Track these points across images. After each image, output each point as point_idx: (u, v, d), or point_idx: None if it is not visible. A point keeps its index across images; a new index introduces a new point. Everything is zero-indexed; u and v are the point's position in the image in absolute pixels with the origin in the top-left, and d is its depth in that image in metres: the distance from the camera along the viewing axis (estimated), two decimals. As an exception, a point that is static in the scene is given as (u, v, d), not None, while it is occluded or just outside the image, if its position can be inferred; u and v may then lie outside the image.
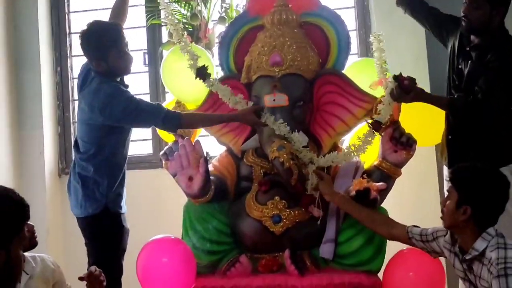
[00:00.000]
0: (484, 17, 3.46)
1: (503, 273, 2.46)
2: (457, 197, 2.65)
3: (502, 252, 2.51)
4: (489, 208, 2.64)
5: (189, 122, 3.50)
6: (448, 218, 2.70)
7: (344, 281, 3.27)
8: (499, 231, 2.62)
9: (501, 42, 3.49)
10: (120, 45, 3.54)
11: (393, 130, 3.47)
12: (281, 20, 3.60)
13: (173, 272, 3.24)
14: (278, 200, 3.42)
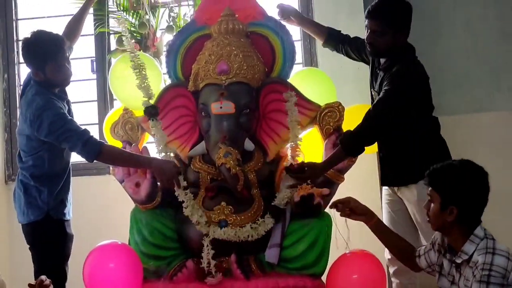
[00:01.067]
0: (388, 41, 3.45)
1: (486, 280, 2.46)
2: (440, 199, 2.64)
3: (490, 257, 2.51)
4: (474, 203, 2.63)
5: (107, 156, 3.45)
6: (435, 221, 2.69)
7: (289, 284, 3.28)
8: (488, 233, 2.63)
9: (401, 61, 3.48)
10: (60, 58, 3.51)
11: (336, 137, 3.51)
12: (228, 30, 3.60)
13: (120, 277, 3.20)
14: (225, 205, 3.41)
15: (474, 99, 4.63)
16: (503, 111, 4.62)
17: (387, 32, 3.42)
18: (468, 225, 2.62)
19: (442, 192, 2.64)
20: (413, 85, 3.41)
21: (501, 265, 2.49)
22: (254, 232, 3.35)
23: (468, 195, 2.61)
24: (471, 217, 2.63)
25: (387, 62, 3.53)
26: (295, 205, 3.37)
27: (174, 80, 3.71)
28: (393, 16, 3.43)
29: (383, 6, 3.45)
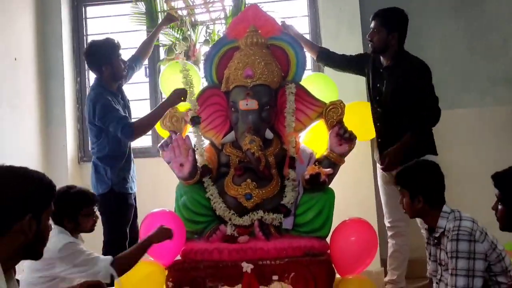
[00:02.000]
0: (382, 39, 3.58)
1: (456, 238, 2.49)
2: (408, 193, 2.69)
3: (458, 222, 2.54)
4: (434, 190, 2.68)
5: (141, 129, 3.56)
6: (410, 211, 2.74)
7: (300, 244, 3.28)
8: (454, 208, 2.66)
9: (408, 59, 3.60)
10: (113, 59, 3.65)
11: (338, 128, 3.49)
12: (253, 43, 3.59)
13: (168, 238, 3.21)
14: (250, 182, 3.42)
15: (447, 98, 4.54)
16: (469, 108, 4.59)
17: (381, 31, 3.56)
18: (436, 206, 2.65)
19: (408, 187, 2.70)
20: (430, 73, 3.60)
21: (468, 226, 2.51)
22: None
23: (427, 185, 2.67)
24: (435, 200, 2.67)
25: (390, 62, 3.56)
26: (305, 182, 3.35)
27: (210, 82, 3.70)
28: (387, 18, 3.59)
29: (382, 11, 3.64)
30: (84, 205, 2.92)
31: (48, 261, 2.67)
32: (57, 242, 2.71)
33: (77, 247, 2.77)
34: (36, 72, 4.58)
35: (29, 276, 2.76)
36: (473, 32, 4.66)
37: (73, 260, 2.71)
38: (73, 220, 2.87)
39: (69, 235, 2.83)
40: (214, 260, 3.27)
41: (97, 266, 2.70)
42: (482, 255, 2.45)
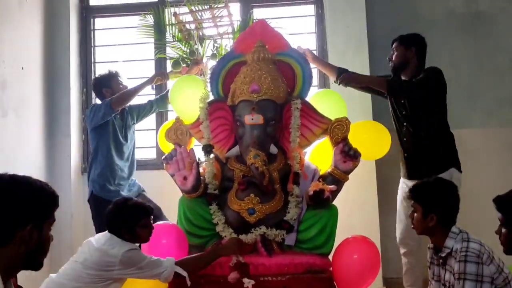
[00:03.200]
0: (401, 56, 3.74)
1: (464, 259, 2.47)
2: (421, 209, 2.67)
3: (466, 244, 2.53)
4: (449, 210, 2.66)
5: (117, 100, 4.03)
6: (419, 227, 2.72)
7: (302, 261, 3.28)
8: (462, 229, 2.64)
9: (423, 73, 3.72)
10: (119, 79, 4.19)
11: (343, 145, 3.49)
12: (260, 58, 3.60)
13: (170, 250, 3.21)
14: (253, 196, 3.40)
15: (454, 118, 4.57)
16: (474, 128, 4.60)
17: (399, 48, 3.76)
18: (446, 227, 2.64)
19: (423, 203, 2.68)
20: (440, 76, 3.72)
21: (476, 248, 2.49)
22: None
23: (444, 205, 2.65)
24: (447, 221, 2.65)
25: (411, 77, 3.73)
26: (309, 198, 3.35)
27: (216, 96, 3.71)
28: (404, 37, 3.80)
29: (401, 35, 3.85)
30: (141, 216, 3.02)
31: (109, 263, 2.84)
32: (122, 247, 2.89)
33: (140, 252, 2.98)
34: (43, 82, 4.62)
35: (78, 270, 2.88)
36: (481, 52, 4.68)
37: (137, 263, 2.90)
38: (131, 231, 2.98)
39: (129, 243, 2.97)
40: (215, 275, 3.26)
41: (161, 267, 2.94)
42: (489, 278, 2.44)
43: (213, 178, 3.53)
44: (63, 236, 4.35)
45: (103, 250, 2.90)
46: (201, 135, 3.64)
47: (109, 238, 2.96)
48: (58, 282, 2.93)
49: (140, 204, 3.06)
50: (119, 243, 2.93)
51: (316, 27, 4.76)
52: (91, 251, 2.93)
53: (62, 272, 2.96)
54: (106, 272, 2.88)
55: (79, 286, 2.87)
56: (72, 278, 2.89)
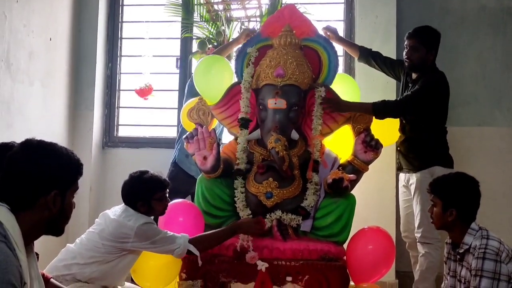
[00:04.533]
0: (421, 57, 3.68)
1: (482, 256, 2.45)
2: (441, 204, 2.64)
3: (485, 241, 2.50)
4: (469, 206, 2.63)
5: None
6: (438, 221, 2.69)
7: (317, 248, 3.27)
8: (482, 226, 2.62)
9: (429, 73, 3.68)
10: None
11: (365, 136, 3.48)
12: (286, 42, 3.58)
13: (186, 229, 3.22)
14: (272, 180, 3.39)
15: (478, 115, 4.56)
16: (501, 127, 4.54)
17: (421, 49, 3.67)
18: (466, 222, 2.61)
19: (443, 198, 2.65)
20: (437, 89, 3.62)
21: (495, 246, 2.47)
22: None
23: (464, 200, 2.61)
24: (467, 216, 2.61)
25: (418, 76, 3.61)
26: (327, 186, 3.34)
27: (240, 78, 3.69)
28: (426, 36, 3.69)
29: (420, 29, 3.73)
30: (157, 190, 3.05)
31: (124, 235, 2.89)
32: (138, 219, 2.93)
33: (155, 226, 3.00)
34: (69, 54, 4.64)
35: (94, 241, 2.94)
36: (509, 51, 4.60)
37: (151, 237, 2.94)
38: (146, 204, 3.01)
39: (145, 216, 3.00)
40: (229, 256, 3.28)
41: (175, 243, 2.98)
42: (506, 277, 2.42)
43: (244, 154, 3.53)
44: (81, 208, 4.39)
45: (119, 221, 2.94)
46: (223, 116, 3.65)
47: (125, 210, 3.00)
48: (75, 251, 2.97)
49: (156, 177, 3.07)
50: (135, 216, 2.96)
51: (344, 15, 4.72)
52: (107, 222, 2.97)
53: (79, 242, 3.01)
54: (121, 244, 2.93)
55: (95, 256, 2.92)
56: (89, 248, 2.94)
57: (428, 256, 3.60)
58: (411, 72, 3.77)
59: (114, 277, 3.04)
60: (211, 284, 3.25)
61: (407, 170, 3.77)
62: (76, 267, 2.91)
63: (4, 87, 3.76)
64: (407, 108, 3.60)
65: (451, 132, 3.84)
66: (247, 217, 3.33)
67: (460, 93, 4.49)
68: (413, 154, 3.71)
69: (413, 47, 3.67)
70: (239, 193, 3.44)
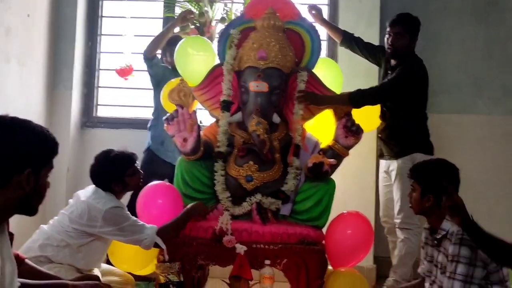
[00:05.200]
0: (405, 44, 3.72)
1: (459, 242, 2.45)
2: (420, 189, 2.64)
3: None
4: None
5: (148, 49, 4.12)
6: (416, 206, 2.69)
7: (296, 232, 3.27)
8: None
9: (408, 60, 3.70)
10: None
11: (346, 120, 3.48)
12: (270, 25, 3.55)
13: (164, 211, 3.22)
14: (252, 164, 3.40)
15: (459, 103, 4.60)
16: (482, 115, 4.58)
17: (405, 36, 3.70)
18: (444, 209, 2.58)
19: (422, 183, 2.65)
20: (418, 77, 3.64)
21: None
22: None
23: (442, 185, 2.55)
24: None
25: (397, 64, 3.61)
26: (307, 170, 3.35)
27: (222, 60, 3.66)
28: (410, 23, 3.73)
29: (404, 16, 3.75)
30: (127, 165, 3.03)
31: (93, 218, 2.85)
32: (106, 203, 2.88)
33: (125, 212, 2.94)
34: (48, 32, 4.56)
35: (65, 224, 2.90)
36: (492, 39, 4.64)
37: (119, 223, 2.88)
38: (120, 182, 2.99)
39: (116, 200, 2.96)
40: (208, 239, 3.26)
41: (143, 233, 2.92)
42: (482, 263, 2.43)
43: (225, 136, 3.51)
44: (57, 189, 4.35)
45: (88, 203, 2.90)
46: (204, 98, 3.63)
47: (95, 192, 2.96)
48: (48, 232, 2.94)
49: (122, 154, 3.04)
50: (104, 198, 2.92)
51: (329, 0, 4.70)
52: (77, 204, 2.94)
53: (52, 224, 2.97)
54: (89, 228, 2.89)
55: (65, 240, 2.89)
56: (60, 231, 2.91)
57: (407, 242, 3.63)
58: (392, 58, 3.78)
59: (88, 262, 3.00)
60: (189, 267, 3.24)
61: (388, 156, 3.79)
62: (50, 249, 2.88)
63: (-20, 64, 3.68)
64: (384, 95, 3.62)
65: (432, 119, 3.87)
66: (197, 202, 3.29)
67: (442, 81, 4.52)
68: (394, 141, 3.73)
69: (398, 33, 3.69)
70: (219, 176, 3.42)
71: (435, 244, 2.65)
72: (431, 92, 3.81)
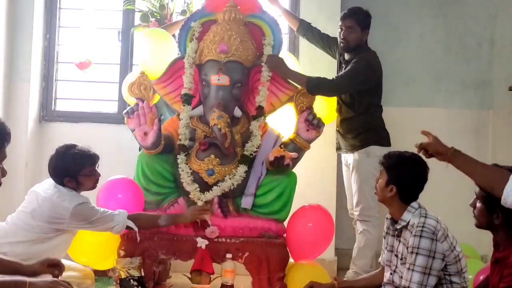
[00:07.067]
0: (357, 38, 3.76)
1: (419, 234, 2.48)
2: (386, 178, 2.65)
3: (423, 219, 2.53)
4: (410, 188, 2.63)
5: None
6: (380, 194, 2.70)
7: (257, 225, 3.33)
8: (422, 205, 2.64)
9: (362, 52, 3.73)
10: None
11: (307, 114, 3.51)
12: (231, 18, 3.56)
13: (125, 205, 3.19)
14: (213, 157, 3.42)
15: (417, 96, 4.66)
16: (439, 108, 4.65)
17: (357, 29, 3.74)
18: (405, 201, 2.63)
19: (388, 173, 2.65)
20: (370, 70, 3.67)
21: (432, 225, 2.52)
22: (234, 181, 3.36)
23: (406, 181, 2.62)
24: (407, 196, 2.63)
25: (351, 57, 3.66)
26: (269, 163, 3.37)
27: (183, 53, 3.64)
28: (361, 17, 3.76)
29: (354, 9, 3.80)
30: (85, 164, 2.95)
31: (59, 215, 2.82)
32: (72, 200, 2.85)
33: (91, 206, 2.93)
34: (4, 23, 4.43)
35: (27, 220, 2.85)
36: (450, 33, 4.71)
37: (88, 218, 2.89)
38: (74, 180, 2.92)
39: (80, 195, 2.93)
40: (169, 233, 3.28)
41: (113, 221, 2.96)
42: (441, 255, 2.49)
43: (186, 130, 3.51)
44: (15, 184, 4.24)
45: (53, 201, 2.85)
46: (165, 91, 3.61)
47: (57, 189, 2.90)
48: (6, 229, 2.88)
49: (83, 152, 2.97)
50: (69, 195, 2.88)
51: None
52: (39, 201, 2.87)
53: (11, 221, 2.91)
54: (57, 224, 2.87)
55: (28, 235, 2.84)
56: (22, 228, 2.86)
57: (366, 234, 3.68)
58: (345, 52, 3.81)
59: (51, 255, 2.95)
60: (150, 261, 3.25)
61: (345, 150, 3.84)
62: (8, 246, 2.81)
63: None
64: (338, 88, 3.66)
65: (391, 112, 3.93)
66: (194, 206, 3.31)
67: (401, 74, 4.58)
68: (350, 134, 3.77)
69: (350, 27, 3.73)
70: (185, 169, 3.41)
71: (395, 234, 2.69)
72: (389, 85, 3.86)
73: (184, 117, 3.52)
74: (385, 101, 3.83)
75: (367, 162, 3.62)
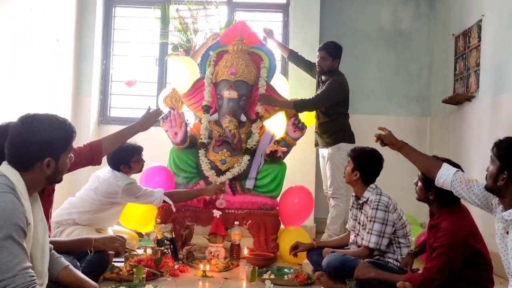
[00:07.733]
0: (329, 65, 3.67)
1: (376, 207, 2.51)
2: (352, 166, 2.64)
3: (378, 196, 2.55)
4: (370, 173, 2.63)
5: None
6: (347, 178, 2.69)
7: (257, 200, 3.34)
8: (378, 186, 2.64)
9: (334, 75, 3.65)
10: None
11: (294, 119, 3.52)
12: (238, 49, 3.56)
13: (161, 185, 3.20)
14: (225, 151, 3.43)
15: (375, 107, 4.64)
16: (391, 115, 4.63)
17: (328, 59, 3.66)
18: (366, 183, 2.63)
19: (354, 162, 2.65)
20: (340, 89, 3.62)
21: (385, 200, 2.54)
22: (240, 168, 3.36)
23: (367, 168, 2.62)
24: (367, 179, 2.63)
25: (326, 78, 3.61)
26: (266, 155, 3.38)
27: (203, 75, 3.64)
28: (331, 49, 3.67)
29: (327, 43, 3.72)
30: (134, 154, 2.99)
31: (114, 191, 2.86)
32: (124, 180, 2.89)
33: (137, 185, 2.97)
34: (73, 52, 4.42)
35: (91, 195, 2.89)
36: (399, 60, 4.70)
37: (135, 193, 2.93)
38: (127, 165, 2.97)
39: (129, 177, 2.97)
40: (192, 206, 3.28)
41: (153, 197, 2.97)
42: (392, 223, 2.50)
43: (206, 131, 3.49)
44: (80, 170, 4.22)
45: (110, 181, 2.88)
46: (191, 102, 3.61)
47: (112, 172, 2.94)
48: (75, 202, 2.90)
49: (132, 145, 3.01)
50: (121, 177, 2.91)
51: (282, 30, 4.69)
52: (100, 181, 2.90)
53: (78, 196, 2.94)
54: (112, 198, 2.89)
55: (91, 206, 2.87)
56: (86, 200, 2.88)
57: (336, 207, 3.67)
58: (321, 75, 3.78)
59: (105, 222, 3.00)
60: (179, 227, 3.26)
61: (322, 146, 3.79)
62: (76, 214, 2.85)
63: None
64: (319, 104, 3.61)
65: (356, 119, 3.90)
66: (215, 184, 3.29)
67: (363, 90, 4.57)
68: (326, 134, 3.71)
69: (323, 57, 3.66)
70: (204, 160, 3.40)
71: (358, 207, 2.68)
72: (354, 98, 3.82)
73: (204, 122, 3.52)
74: (351, 110, 3.80)
75: (338, 155, 3.60)
